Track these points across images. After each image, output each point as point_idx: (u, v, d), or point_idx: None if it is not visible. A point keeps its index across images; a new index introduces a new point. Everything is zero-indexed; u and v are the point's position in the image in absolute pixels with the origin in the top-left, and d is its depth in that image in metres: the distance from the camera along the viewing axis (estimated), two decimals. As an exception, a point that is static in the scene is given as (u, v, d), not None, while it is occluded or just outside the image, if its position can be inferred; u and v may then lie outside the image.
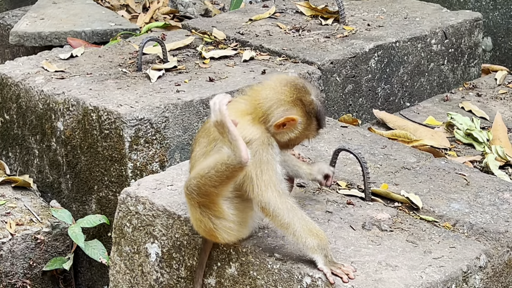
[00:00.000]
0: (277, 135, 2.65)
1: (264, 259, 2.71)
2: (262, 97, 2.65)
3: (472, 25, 4.64)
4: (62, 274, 3.86)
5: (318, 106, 2.66)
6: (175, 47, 4.35)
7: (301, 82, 2.69)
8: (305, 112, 2.65)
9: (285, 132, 2.65)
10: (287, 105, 2.63)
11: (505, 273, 2.90)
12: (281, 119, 2.61)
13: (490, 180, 3.26)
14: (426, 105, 4.21)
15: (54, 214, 3.75)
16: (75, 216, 3.81)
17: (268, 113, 2.63)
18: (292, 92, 2.65)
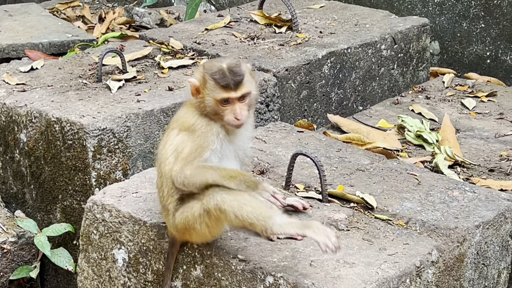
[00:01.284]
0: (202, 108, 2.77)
1: (228, 261, 2.84)
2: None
3: (420, 30, 4.82)
4: (28, 283, 3.94)
5: (213, 66, 2.77)
6: (133, 57, 4.45)
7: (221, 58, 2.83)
8: (203, 74, 2.78)
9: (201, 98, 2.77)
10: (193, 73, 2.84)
11: (456, 267, 3.06)
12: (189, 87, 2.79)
13: (440, 179, 3.42)
14: (378, 109, 4.37)
15: (19, 224, 3.83)
16: (40, 225, 3.89)
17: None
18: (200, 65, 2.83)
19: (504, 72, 5.14)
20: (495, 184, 3.53)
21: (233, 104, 2.75)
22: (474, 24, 5.21)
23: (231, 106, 2.74)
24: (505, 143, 3.96)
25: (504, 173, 3.67)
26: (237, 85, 2.74)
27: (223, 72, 2.75)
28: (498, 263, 3.26)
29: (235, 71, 2.75)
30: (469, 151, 3.88)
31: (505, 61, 5.13)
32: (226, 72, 2.75)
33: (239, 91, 2.74)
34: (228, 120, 2.75)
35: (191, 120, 2.80)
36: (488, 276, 3.23)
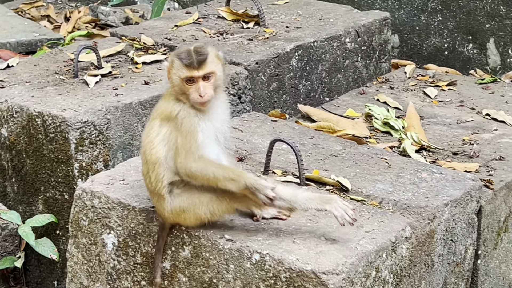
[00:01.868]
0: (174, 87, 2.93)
1: (215, 241, 2.99)
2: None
3: (382, 24, 5.02)
4: (12, 273, 4.04)
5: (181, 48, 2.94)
6: (107, 53, 4.57)
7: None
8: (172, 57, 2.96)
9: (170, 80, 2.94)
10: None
11: (427, 243, 3.25)
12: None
13: (408, 162, 3.62)
14: (345, 99, 4.56)
15: (3, 216, 3.93)
16: (22, 217, 3.99)
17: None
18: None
19: (461, 63, 5.37)
20: (459, 166, 3.74)
21: (197, 83, 2.90)
22: (432, 18, 5.43)
23: (195, 85, 2.90)
24: (466, 129, 4.17)
25: (467, 156, 3.88)
26: (200, 64, 2.90)
27: (188, 52, 2.92)
28: (465, 240, 3.47)
29: (199, 51, 2.92)
30: (434, 137, 4.09)
31: (462, 52, 5.37)
32: (191, 52, 2.92)
33: (202, 70, 2.90)
34: (193, 98, 2.91)
35: (169, 108, 2.96)
36: (456, 251, 3.43)
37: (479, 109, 4.38)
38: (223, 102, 3.06)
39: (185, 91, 2.92)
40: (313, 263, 2.84)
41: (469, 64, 5.34)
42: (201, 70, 2.90)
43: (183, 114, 2.91)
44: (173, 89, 2.95)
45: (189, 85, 2.91)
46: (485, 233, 3.59)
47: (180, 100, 2.95)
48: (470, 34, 5.31)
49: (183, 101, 2.93)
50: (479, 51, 5.30)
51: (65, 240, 3.93)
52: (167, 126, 2.94)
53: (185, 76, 2.91)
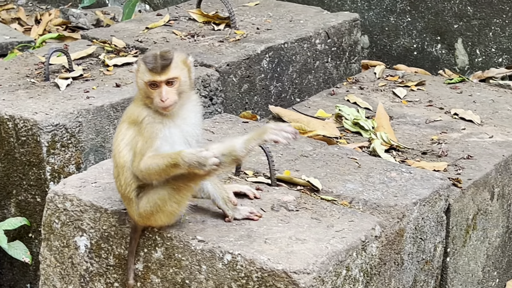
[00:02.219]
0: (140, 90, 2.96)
1: (187, 242, 3.02)
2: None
3: (351, 25, 5.07)
4: (-16, 277, 4.04)
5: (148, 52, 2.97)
6: (78, 56, 4.58)
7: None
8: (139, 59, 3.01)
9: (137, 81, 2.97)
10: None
11: (397, 241, 3.30)
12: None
13: (378, 162, 3.66)
14: (316, 100, 4.60)
15: (-25, 220, 3.94)
16: (-6, 220, 4.01)
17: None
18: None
19: (430, 63, 5.44)
20: (428, 166, 3.79)
21: (160, 88, 2.92)
22: (401, 18, 5.49)
23: (158, 90, 2.92)
24: (435, 128, 4.23)
25: (436, 155, 3.93)
26: (163, 69, 2.92)
27: (153, 56, 2.94)
28: (434, 238, 3.52)
29: (164, 56, 2.93)
30: (403, 136, 4.14)
31: (431, 52, 5.43)
32: (156, 57, 2.93)
33: (165, 75, 2.92)
34: (156, 103, 2.93)
35: (136, 112, 2.98)
36: (425, 249, 3.48)
37: (448, 109, 4.44)
38: (195, 105, 3.08)
39: (149, 95, 2.94)
40: (284, 262, 2.88)
41: (438, 64, 5.41)
42: (164, 75, 2.92)
43: (148, 120, 2.94)
44: (139, 93, 2.97)
45: (153, 89, 2.93)
46: (454, 231, 3.64)
47: (147, 104, 2.97)
48: (438, 35, 5.38)
49: (148, 105, 2.96)
50: (447, 51, 5.37)
51: (37, 243, 3.94)
52: (133, 130, 2.97)
53: (148, 80, 2.93)
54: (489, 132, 4.17)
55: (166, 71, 2.91)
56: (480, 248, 3.85)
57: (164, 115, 2.96)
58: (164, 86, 2.92)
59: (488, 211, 3.85)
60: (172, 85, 2.93)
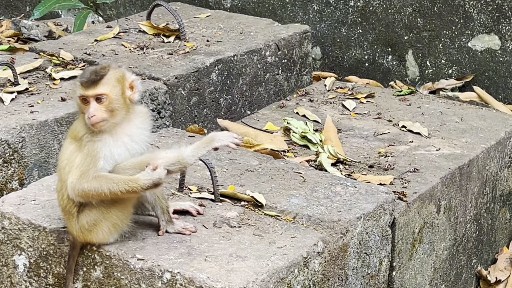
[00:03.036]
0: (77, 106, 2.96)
1: (127, 261, 2.98)
2: None
3: (302, 37, 5.07)
4: None
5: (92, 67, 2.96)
6: (24, 69, 4.53)
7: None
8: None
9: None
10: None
11: (340, 257, 3.29)
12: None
13: (324, 176, 3.65)
14: (265, 112, 4.59)
15: None
16: None
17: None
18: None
19: (382, 74, 5.45)
20: (374, 179, 3.79)
21: (92, 103, 2.90)
22: (352, 30, 5.50)
23: (88, 105, 2.91)
24: (383, 141, 4.23)
25: (382, 169, 3.93)
26: (92, 85, 2.89)
27: (86, 72, 2.93)
28: (379, 252, 3.51)
29: (97, 71, 2.92)
30: (351, 149, 4.14)
31: (382, 64, 5.45)
32: (90, 72, 2.92)
33: (92, 91, 2.89)
34: (86, 118, 2.91)
35: (78, 128, 2.96)
36: (370, 264, 3.48)
37: (396, 121, 4.44)
38: (143, 121, 3.05)
39: (83, 110, 2.93)
40: (223, 281, 2.85)
41: (389, 75, 5.42)
42: (91, 90, 2.89)
43: (87, 137, 2.90)
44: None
45: (85, 105, 2.91)
46: (400, 245, 3.64)
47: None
48: (389, 46, 5.39)
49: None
50: (398, 63, 5.39)
51: (-20, 260, 3.87)
52: (74, 145, 2.93)
53: (79, 95, 2.91)
54: (436, 145, 4.18)
55: (95, 86, 2.88)
56: (427, 262, 3.85)
57: (104, 132, 2.92)
58: (93, 102, 2.89)
59: (434, 224, 3.85)
60: (101, 102, 2.90)
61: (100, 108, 2.89)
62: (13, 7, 7.11)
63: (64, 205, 2.98)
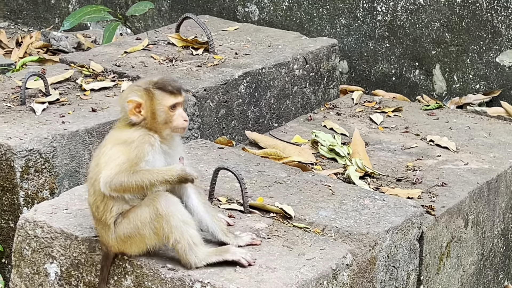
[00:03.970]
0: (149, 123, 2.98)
1: (157, 270, 3.01)
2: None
3: (329, 51, 5.09)
4: (-43, 303, 4.01)
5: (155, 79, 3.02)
6: (55, 80, 4.58)
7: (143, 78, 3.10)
8: (143, 90, 3.00)
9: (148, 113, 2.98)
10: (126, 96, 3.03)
11: (369, 269, 3.30)
12: (127, 108, 2.98)
13: (352, 189, 3.67)
14: (293, 125, 4.61)
15: None
16: (-33, 246, 3.99)
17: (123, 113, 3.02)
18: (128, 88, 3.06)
19: (409, 89, 5.46)
20: (402, 193, 3.80)
21: (179, 108, 3.00)
22: (379, 44, 5.52)
23: (177, 111, 3.00)
24: (410, 155, 4.24)
25: (410, 182, 3.94)
26: (180, 91, 3.02)
27: (164, 81, 3.01)
28: (407, 265, 3.52)
29: (171, 79, 3.03)
30: (378, 163, 4.15)
31: (409, 78, 5.46)
32: (167, 82, 3.01)
33: (181, 97, 3.02)
34: (177, 124, 3.00)
35: (126, 134, 2.99)
36: (398, 277, 3.48)
37: (424, 135, 4.45)
38: None
39: (169, 119, 2.98)
40: (253, 291, 2.87)
41: (416, 90, 5.43)
42: (181, 97, 3.02)
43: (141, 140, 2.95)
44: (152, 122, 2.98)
45: (172, 112, 2.98)
46: (427, 259, 3.64)
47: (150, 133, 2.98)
48: (416, 61, 5.40)
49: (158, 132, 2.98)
50: (425, 77, 5.40)
51: (10, 268, 3.91)
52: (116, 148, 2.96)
53: (171, 104, 2.98)
54: (464, 159, 4.18)
55: (182, 92, 3.02)
56: (454, 276, 3.85)
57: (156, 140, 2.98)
58: (181, 108, 3.01)
59: (462, 238, 3.85)
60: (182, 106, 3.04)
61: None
62: (42, 18, 7.20)
63: (99, 216, 3.00)
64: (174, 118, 2.99)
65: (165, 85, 3.00)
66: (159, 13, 6.47)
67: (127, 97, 3.01)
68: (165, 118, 2.98)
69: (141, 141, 2.95)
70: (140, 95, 2.99)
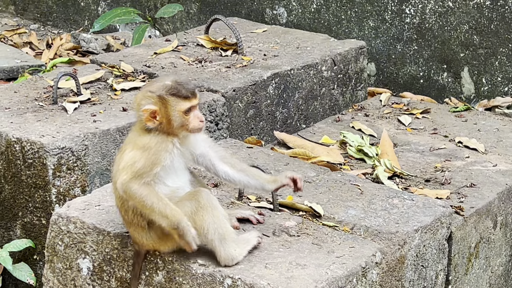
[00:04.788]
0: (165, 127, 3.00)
1: (188, 266, 3.05)
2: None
3: (358, 53, 5.11)
4: (-11, 298, 4.07)
5: (168, 83, 3.02)
6: (87, 80, 4.64)
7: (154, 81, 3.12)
8: (156, 97, 3.00)
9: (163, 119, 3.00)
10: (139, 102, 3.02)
11: (398, 268, 3.31)
12: (143, 116, 3.00)
13: (381, 189, 3.68)
14: (321, 126, 4.63)
15: (-20, 241, 3.98)
16: (0, 242, 4.04)
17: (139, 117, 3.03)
18: (141, 93, 3.06)
19: (436, 91, 5.46)
20: (431, 193, 3.81)
21: (194, 110, 3.02)
22: (407, 46, 5.53)
23: (192, 113, 3.01)
24: (439, 156, 4.25)
25: (439, 183, 3.95)
26: (194, 93, 3.02)
27: (177, 86, 3.01)
28: (435, 265, 3.53)
29: (184, 82, 3.04)
30: (407, 164, 4.16)
31: (437, 80, 5.46)
32: (180, 86, 3.01)
33: (196, 100, 3.03)
34: (194, 126, 3.01)
35: (144, 140, 3.01)
36: (427, 277, 3.49)
37: (452, 137, 4.46)
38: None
39: (185, 122, 3.00)
40: (284, 287, 2.89)
41: (444, 92, 5.44)
42: (196, 100, 3.03)
43: (159, 147, 2.98)
44: (168, 126, 2.99)
45: (187, 115, 3.00)
46: (456, 259, 3.65)
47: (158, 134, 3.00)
48: (444, 63, 5.41)
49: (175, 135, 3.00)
50: (453, 80, 5.40)
51: (42, 264, 3.97)
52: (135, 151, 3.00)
53: (186, 108, 2.99)
54: (493, 161, 4.18)
55: (196, 94, 3.03)
56: (482, 277, 3.85)
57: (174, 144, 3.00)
58: (197, 110, 3.02)
59: (490, 239, 3.86)
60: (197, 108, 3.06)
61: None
62: (72, 21, 7.28)
63: (130, 219, 3.04)
64: (190, 120, 3.00)
65: (179, 90, 3.00)
66: (187, 16, 6.53)
67: (141, 105, 3.01)
68: (180, 122, 3.00)
69: (158, 149, 2.98)
70: (154, 102, 3.00)
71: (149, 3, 6.77)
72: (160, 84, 3.03)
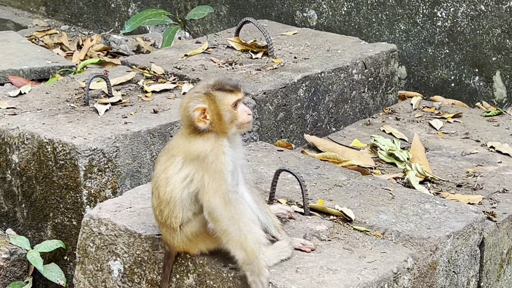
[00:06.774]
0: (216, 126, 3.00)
1: (219, 269, 3.04)
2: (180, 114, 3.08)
3: (389, 56, 5.09)
4: (20, 298, 4.09)
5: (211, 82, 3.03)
6: (117, 82, 4.65)
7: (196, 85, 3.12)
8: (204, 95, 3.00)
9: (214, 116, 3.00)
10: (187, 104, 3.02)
11: (429, 274, 3.29)
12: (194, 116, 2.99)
13: (412, 193, 3.66)
14: (351, 129, 4.61)
15: (12, 241, 4.00)
16: (31, 242, 4.05)
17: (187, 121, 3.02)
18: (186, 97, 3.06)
19: (468, 95, 5.42)
20: (463, 198, 3.78)
21: (241, 104, 3.04)
22: (439, 50, 5.49)
23: (240, 107, 3.03)
24: (471, 161, 4.22)
25: (471, 188, 3.92)
26: (238, 87, 3.05)
27: (221, 82, 3.03)
28: (467, 271, 3.50)
29: (226, 78, 3.07)
30: (438, 168, 4.13)
31: (468, 84, 5.42)
32: (224, 81, 3.03)
33: (242, 92, 3.06)
34: (243, 119, 3.02)
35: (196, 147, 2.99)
36: (458, 283, 3.46)
37: (484, 142, 4.42)
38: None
39: (233, 117, 3.00)
40: (315, 292, 2.89)
41: (475, 96, 5.40)
42: (241, 93, 3.05)
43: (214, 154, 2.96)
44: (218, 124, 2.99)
45: (235, 109, 3.02)
46: (488, 265, 3.62)
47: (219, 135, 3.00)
48: (476, 67, 5.37)
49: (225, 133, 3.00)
50: (485, 84, 5.36)
51: (72, 266, 3.98)
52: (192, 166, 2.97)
53: (235, 100, 3.01)
54: (525, 166, 4.15)
55: (240, 88, 3.05)
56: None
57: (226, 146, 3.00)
58: (242, 104, 3.03)
59: (523, 245, 3.82)
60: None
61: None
62: (102, 22, 7.31)
63: (163, 220, 3.03)
64: (238, 114, 3.01)
65: (223, 85, 3.03)
66: (217, 18, 6.53)
67: (189, 106, 3.01)
68: (230, 117, 3.00)
69: (215, 154, 2.97)
70: (203, 100, 3.01)
71: (180, 5, 6.79)
72: (204, 84, 3.05)
